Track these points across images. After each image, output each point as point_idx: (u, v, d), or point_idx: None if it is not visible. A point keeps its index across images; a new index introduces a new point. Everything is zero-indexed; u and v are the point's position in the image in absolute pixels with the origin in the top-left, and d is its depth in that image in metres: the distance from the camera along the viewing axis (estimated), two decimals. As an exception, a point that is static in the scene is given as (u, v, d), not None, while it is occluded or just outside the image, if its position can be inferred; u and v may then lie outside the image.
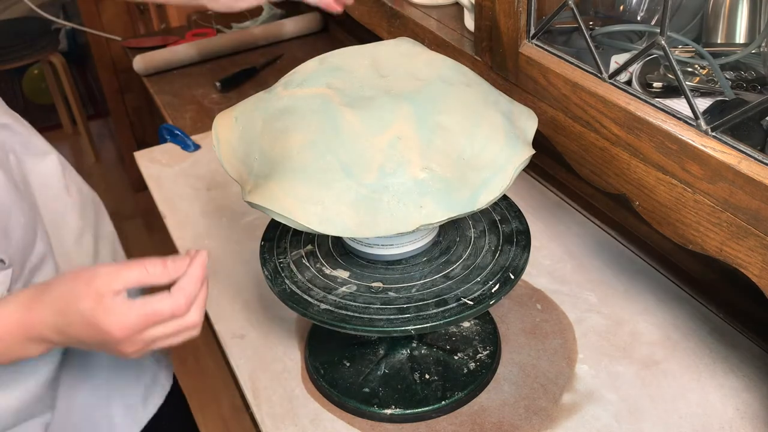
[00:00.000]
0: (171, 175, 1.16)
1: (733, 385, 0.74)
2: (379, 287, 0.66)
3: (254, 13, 1.87)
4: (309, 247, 0.71)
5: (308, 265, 0.70)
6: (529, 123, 0.65)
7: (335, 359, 0.77)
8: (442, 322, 0.62)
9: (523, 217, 0.73)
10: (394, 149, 0.58)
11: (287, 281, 0.68)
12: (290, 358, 0.80)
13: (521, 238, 0.71)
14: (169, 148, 1.24)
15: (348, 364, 0.76)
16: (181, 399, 1.05)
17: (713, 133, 0.56)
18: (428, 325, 0.62)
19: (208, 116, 1.43)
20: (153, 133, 1.42)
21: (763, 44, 0.66)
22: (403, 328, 0.61)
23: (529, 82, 0.74)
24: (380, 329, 0.62)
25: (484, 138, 0.60)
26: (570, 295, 0.86)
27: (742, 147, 0.54)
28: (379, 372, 0.75)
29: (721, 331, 0.80)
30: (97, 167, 2.99)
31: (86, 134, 2.98)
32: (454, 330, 0.79)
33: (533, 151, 0.62)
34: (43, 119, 3.23)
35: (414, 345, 0.77)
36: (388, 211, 0.57)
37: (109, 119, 2.77)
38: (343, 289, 0.66)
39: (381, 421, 0.72)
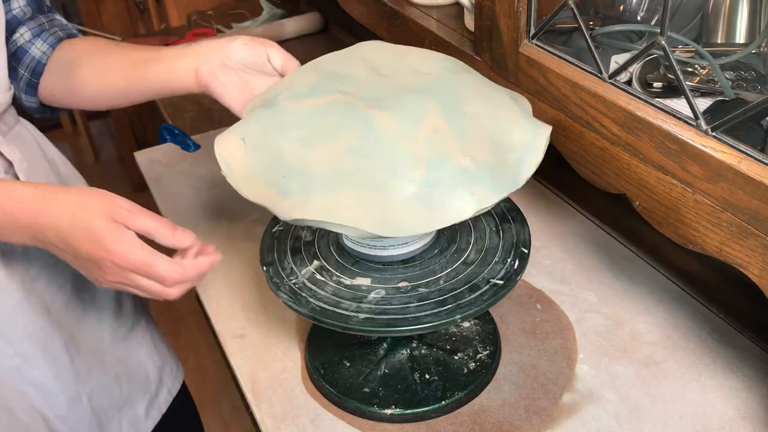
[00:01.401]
0: (171, 175, 1.16)
1: (733, 385, 0.74)
2: (407, 286, 0.66)
3: (254, 13, 1.87)
4: (316, 263, 0.70)
5: (325, 280, 0.68)
6: (526, 103, 0.67)
7: (335, 359, 0.77)
8: (483, 305, 0.63)
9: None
10: (433, 143, 0.59)
11: (312, 300, 0.66)
12: (290, 358, 0.80)
13: (515, 215, 0.73)
14: (169, 148, 1.24)
15: (348, 364, 0.76)
16: (190, 402, 1.06)
17: (713, 133, 0.56)
18: (472, 311, 0.63)
19: (208, 116, 1.43)
20: (153, 133, 1.42)
21: (763, 44, 0.66)
22: (450, 320, 0.62)
23: (529, 82, 0.74)
24: (429, 325, 0.62)
25: (506, 120, 0.63)
26: (570, 295, 0.86)
27: (742, 147, 0.54)
28: (379, 372, 0.75)
29: (721, 331, 0.80)
30: (97, 167, 2.99)
31: (86, 134, 2.98)
32: (454, 330, 0.79)
33: (551, 127, 0.64)
34: (43, 119, 3.23)
35: (414, 345, 0.77)
36: (442, 204, 0.58)
37: (109, 119, 2.77)
38: (373, 295, 0.66)
39: (381, 421, 0.72)
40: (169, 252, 0.63)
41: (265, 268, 0.71)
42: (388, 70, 0.68)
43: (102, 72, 0.80)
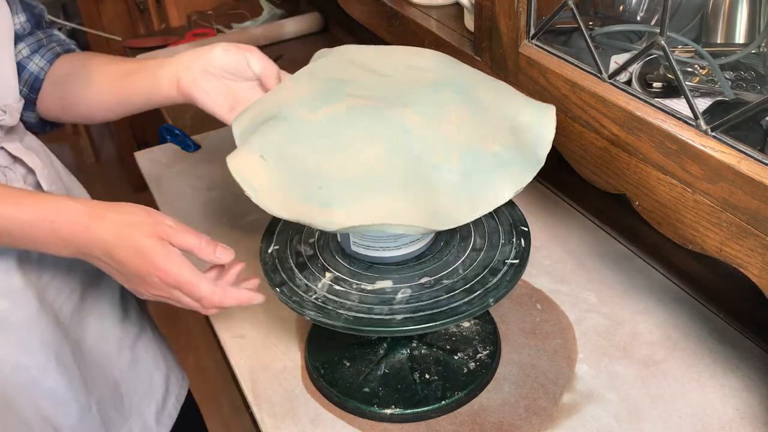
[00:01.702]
0: (171, 175, 1.16)
1: (732, 385, 0.74)
2: (430, 281, 0.67)
3: (254, 13, 1.87)
4: (329, 274, 0.69)
5: (345, 289, 0.67)
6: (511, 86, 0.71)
7: (335, 359, 0.77)
8: (510, 285, 0.66)
9: None
10: (464, 133, 0.61)
11: (342, 311, 0.65)
12: (290, 358, 0.80)
13: None
14: (169, 148, 1.24)
15: (348, 364, 0.76)
16: (195, 409, 1.06)
17: (713, 133, 0.56)
18: (501, 292, 0.65)
19: (208, 116, 1.42)
20: (153, 133, 1.42)
21: (763, 44, 0.66)
22: (484, 304, 0.64)
23: (529, 82, 0.74)
24: (467, 313, 0.63)
25: (512, 103, 0.65)
26: (570, 295, 0.86)
27: (741, 147, 0.54)
28: (379, 372, 0.75)
29: (721, 331, 0.80)
30: (97, 167, 2.99)
31: (86, 134, 2.98)
32: (454, 330, 0.79)
33: (553, 106, 0.66)
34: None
35: (414, 345, 0.77)
36: (484, 190, 0.60)
37: (109, 119, 2.76)
38: (400, 295, 0.66)
39: (381, 421, 0.72)
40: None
41: (278, 289, 0.68)
42: (387, 69, 0.68)
43: (91, 87, 0.81)
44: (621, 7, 0.77)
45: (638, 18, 0.76)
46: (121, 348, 0.88)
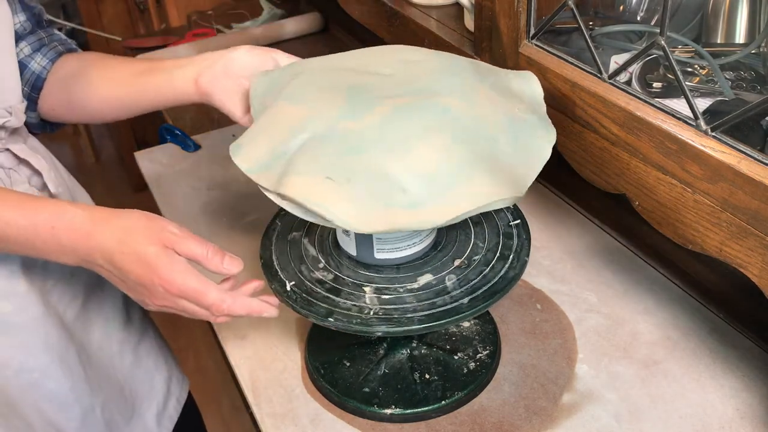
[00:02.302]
0: (171, 175, 1.16)
1: (732, 385, 0.74)
2: (464, 262, 0.69)
3: (254, 13, 1.87)
4: (368, 288, 0.67)
5: (397, 295, 0.66)
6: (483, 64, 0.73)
7: (335, 359, 0.77)
8: (524, 265, 0.69)
9: None
10: (493, 105, 0.64)
11: (416, 314, 0.64)
12: (290, 358, 0.80)
13: None
14: (169, 148, 1.24)
15: (348, 364, 0.76)
16: (196, 411, 1.06)
17: (713, 133, 0.56)
18: (521, 272, 0.68)
19: (208, 116, 1.43)
20: (153, 133, 1.42)
21: (763, 44, 0.66)
22: (512, 285, 0.67)
23: (529, 82, 0.74)
24: (514, 284, 0.66)
25: (500, 75, 0.68)
26: (570, 295, 0.86)
27: (742, 147, 0.54)
28: (379, 372, 0.75)
29: (721, 331, 0.80)
30: (97, 167, 2.99)
31: (86, 134, 2.98)
32: (454, 330, 0.79)
33: (527, 71, 0.70)
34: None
35: (414, 345, 0.77)
36: (531, 152, 0.63)
37: (109, 119, 2.76)
38: (449, 283, 0.67)
39: (381, 421, 0.72)
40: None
41: (330, 320, 0.64)
42: (384, 70, 0.68)
43: (102, 85, 0.80)
44: (621, 7, 0.77)
45: (638, 18, 0.76)
46: (123, 351, 0.88)
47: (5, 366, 0.74)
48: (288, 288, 0.68)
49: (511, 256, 0.70)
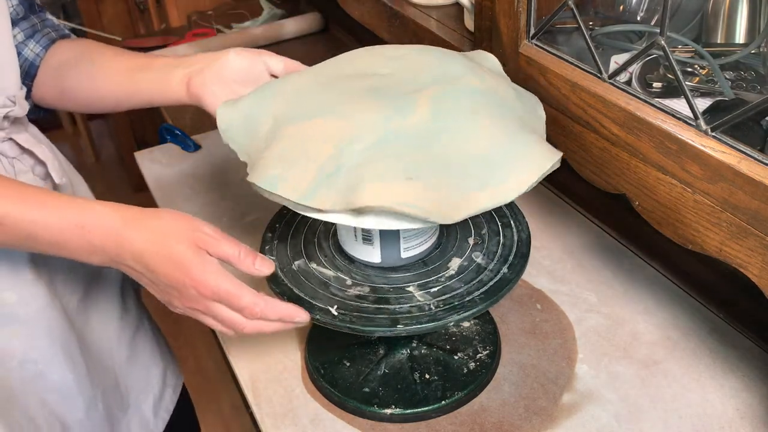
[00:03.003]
0: (171, 175, 1.16)
1: (733, 385, 0.74)
2: (478, 240, 0.72)
3: (254, 13, 1.87)
4: (412, 288, 0.67)
5: (440, 288, 0.67)
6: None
7: (335, 359, 0.77)
8: (527, 229, 0.73)
9: None
10: (504, 86, 0.66)
11: (466, 296, 0.65)
12: (290, 358, 0.80)
13: None
14: (169, 148, 1.24)
15: (348, 364, 0.76)
16: (189, 402, 1.06)
17: (713, 133, 0.56)
18: (523, 263, 0.70)
19: (208, 116, 1.42)
20: (153, 133, 1.42)
21: (763, 44, 0.66)
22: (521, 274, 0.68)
23: (529, 82, 0.74)
24: (512, 283, 0.68)
25: (479, 58, 0.72)
26: (570, 295, 0.86)
27: (742, 147, 0.54)
28: (379, 372, 0.75)
29: (721, 331, 0.80)
30: (97, 167, 2.99)
31: (86, 134, 2.98)
32: (454, 330, 0.79)
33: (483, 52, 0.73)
34: (43, 119, 3.23)
35: (414, 345, 0.77)
36: (540, 125, 0.66)
37: (109, 119, 2.77)
38: (478, 260, 0.69)
39: (381, 421, 0.72)
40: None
41: (402, 327, 0.63)
42: (381, 69, 0.68)
43: (93, 77, 0.79)
44: (621, 7, 0.77)
45: (638, 18, 0.76)
46: (120, 342, 0.88)
47: (9, 357, 0.74)
48: (335, 313, 0.65)
49: (512, 222, 0.73)
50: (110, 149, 3.08)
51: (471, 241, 0.72)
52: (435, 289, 0.67)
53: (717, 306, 0.83)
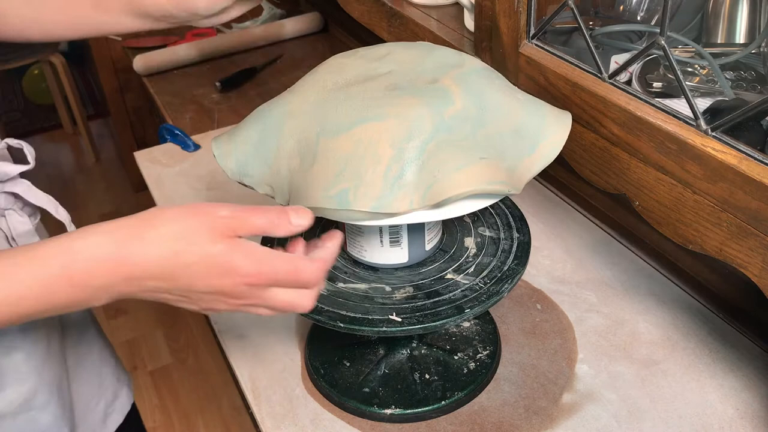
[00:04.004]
0: (171, 175, 1.16)
1: (732, 384, 0.74)
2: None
3: (254, 13, 1.87)
4: (453, 273, 0.68)
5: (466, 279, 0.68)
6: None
7: (335, 359, 0.77)
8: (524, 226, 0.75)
9: None
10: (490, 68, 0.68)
11: (467, 294, 0.66)
12: (290, 358, 0.80)
13: None
14: (169, 148, 1.24)
15: (348, 364, 0.76)
16: (138, 421, 0.98)
17: (713, 133, 0.56)
18: (524, 224, 0.74)
19: (208, 116, 1.43)
20: (153, 133, 1.42)
21: (763, 44, 0.66)
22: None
23: (529, 82, 0.74)
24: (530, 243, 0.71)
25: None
26: (570, 295, 0.86)
27: (742, 147, 0.54)
28: (379, 372, 0.75)
29: (721, 331, 0.80)
30: (97, 167, 2.99)
31: (86, 134, 2.98)
32: (454, 330, 0.79)
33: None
34: (43, 119, 3.23)
35: (414, 345, 0.77)
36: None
37: (109, 119, 2.76)
38: (487, 233, 0.72)
39: (381, 421, 0.72)
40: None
41: (469, 312, 0.64)
42: (381, 69, 0.68)
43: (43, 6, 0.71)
44: (621, 7, 0.77)
45: (638, 18, 0.76)
46: (65, 348, 0.80)
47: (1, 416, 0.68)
48: (398, 319, 0.63)
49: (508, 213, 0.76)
50: (110, 149, 3.08)
51: (467, 218, 0.74)
52: (471, 269, 0.69)
53: (717, 306, 0.83)
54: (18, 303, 0.49)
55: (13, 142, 0.70)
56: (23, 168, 0.67)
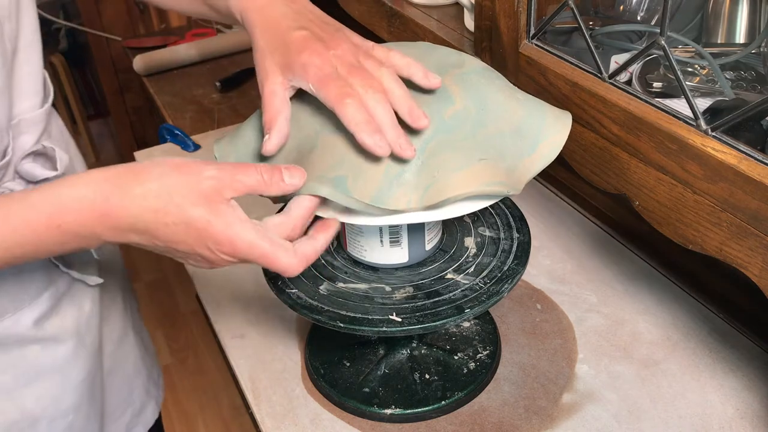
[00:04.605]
0: (171, 175, 1.16)
1: (733, 385, 0.74)
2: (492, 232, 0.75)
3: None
4: (460, 273, 0.68)
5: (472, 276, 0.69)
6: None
7: (335, 359, 0.77)
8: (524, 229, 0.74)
9: None
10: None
11: (469, 292, 0.66)
12: (290, 358, 0.80)
13: None
14: (169, 148, 1.24)
15: (348, 364, 0.76)
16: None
17: (713, 133, 0.56)
18: (524, 224, 0.74)
19: (208, 116, 1.43)
20: (153, 133, 1.42)
21: (763, 44, 0.66)
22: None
23: (529, 82, 0.74)
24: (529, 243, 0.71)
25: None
26: (570, 295, 0.86)
27: (742, 147, 0.54)
28: (379, 372, 0.75)
29: (721, 331, 0.80)
30: (97, 167, 2.99)
31: (86, 134, 2.99)
32: (454, 330, 0.79)
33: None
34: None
35: (414, 345, 0.77)
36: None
37: (109, 119, 2.77)
38: (487, 233, 0.72)
39: (381, 421, 0.72)
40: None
41: (469, 312, 0.64)
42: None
43: None
44: (621, 7, 0.77)
45: (638, 18, 0.76)
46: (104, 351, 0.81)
47: (33, 420, 0.68)
48: (398, 319, 0.63)
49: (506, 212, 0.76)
50: (110, 149, 3.08)
51: (467, 218, 0.74)
52: (471, 269, 0.69)
53: (717, 306, 0.83)
54: (12, 249, 0.51)
55: (48, 145, 0.69)
56: (50, 174, 0.66)
